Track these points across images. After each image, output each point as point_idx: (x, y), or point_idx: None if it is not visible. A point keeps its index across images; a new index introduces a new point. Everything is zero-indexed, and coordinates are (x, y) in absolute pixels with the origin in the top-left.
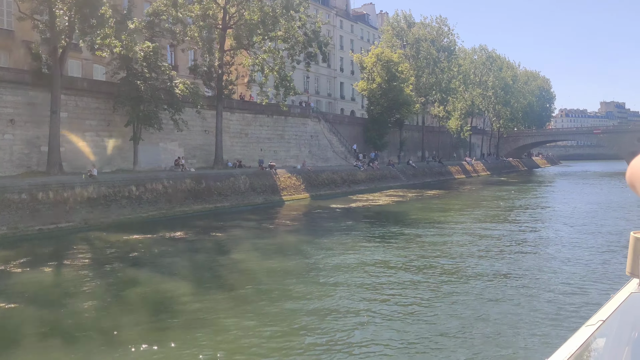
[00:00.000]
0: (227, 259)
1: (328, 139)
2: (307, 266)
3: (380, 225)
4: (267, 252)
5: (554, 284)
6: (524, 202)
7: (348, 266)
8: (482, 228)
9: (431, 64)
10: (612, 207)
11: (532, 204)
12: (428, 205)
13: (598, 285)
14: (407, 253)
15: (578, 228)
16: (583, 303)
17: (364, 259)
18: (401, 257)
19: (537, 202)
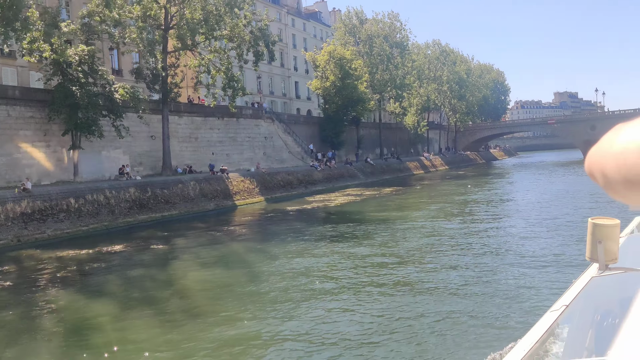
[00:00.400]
0: (162, 273)
1: (283, 140)
2: (247, 277)
3: (332, 227)
4: (206, 264)
5: (514, 274)
6: (480, 196)
7: (293, 273)
8: (437, 224)
9: (385, 60)
10: (567, 196)
11: (488, 197)
12: (384, 203)
13: (559, 272)
14: (357, 255)
15: (534, 219)
16: (546, 290)
17: (311, 264)
18: (350, 259)
19: (492, 194)
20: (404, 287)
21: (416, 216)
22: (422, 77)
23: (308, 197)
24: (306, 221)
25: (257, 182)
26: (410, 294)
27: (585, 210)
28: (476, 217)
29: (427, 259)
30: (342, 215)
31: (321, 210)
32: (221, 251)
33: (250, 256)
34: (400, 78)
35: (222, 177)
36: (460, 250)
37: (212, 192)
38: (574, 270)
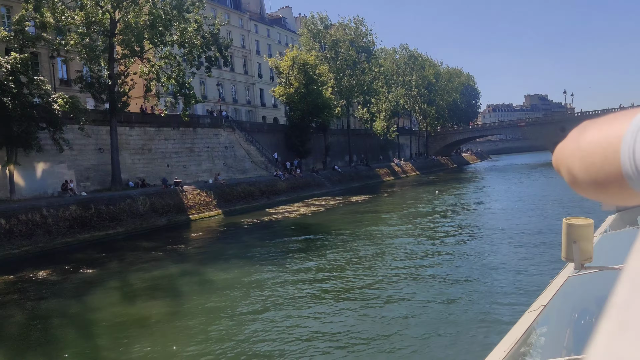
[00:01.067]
0: (76, 305)
1: (245, 149)
2: (172, 310)
3: (284, 242)
4: (132, 292)
5: (490, 280)
6: (446, 203)
7: (228, 302)
8: (396, 236)
9: (351, 65)
10: (535, 200)
11: (454, 203)
12: (346, 213)
13: (537, 272)
14: (309, 271)
15: (501, 225)
16: (523, 292)
17: (253, 289)
18: (300, 275)
19: (458, 201)
20: (362, 302)
21: (376, 227)
22: (391, 82)
23: (270, 209)
24: (259, 236)
25: (214, 194)
26: (368, 308)
27: (553, 217)
28: (438, 227)
29: (382, 272)
30: (299, 228)
31: (279, 223)
32: (154, 275)
33: (184, 280)
34: (367, 83)
35: (176, 190)
36: (416, 262)
37: (164, 207)
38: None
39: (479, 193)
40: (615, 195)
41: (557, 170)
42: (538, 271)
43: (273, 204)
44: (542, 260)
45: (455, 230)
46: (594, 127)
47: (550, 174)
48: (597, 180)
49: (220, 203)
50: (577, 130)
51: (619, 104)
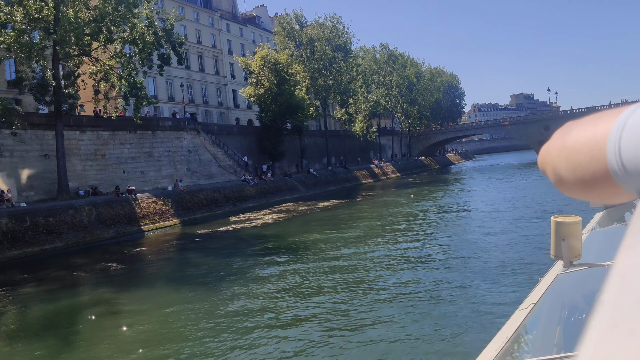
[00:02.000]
0: None
1: (212, 153)
2: (80, 345)
3: (229, 259)
4: (34, 326)
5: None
6: (420, 208)
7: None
8: (358, 247)
9: (327, 64)
10: (513, 204)
11: (428, 208)
12: (313, 221)
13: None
14: (246, 298)
15: (479, 232)
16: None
17: (179, 320)
18: (227, 308)
19: (433, 205)
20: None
21: (339, 237)
22: (370, 82)
23: (233, 216)
24: (206, 251)
25: (172, 202)
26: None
27: (534, 227)
28: (404, 236)
29: (344, 292)
30: (253, 240)
31: (236, 233)
32: (58, 306)
33: (84, 317)
34: (345, 83)
35: (129, 198)
36: (377, 279)
37: (113, 217)
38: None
39: (456, 196)
40: (603, 193)
41: (542, 170)
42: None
43: (239, 211)
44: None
45: (419, 242)
46: (579, 127)
47: (533, 174)
48: (584, 179)
49: (178, 212)
50: (562, 130)
51: (609, 101)
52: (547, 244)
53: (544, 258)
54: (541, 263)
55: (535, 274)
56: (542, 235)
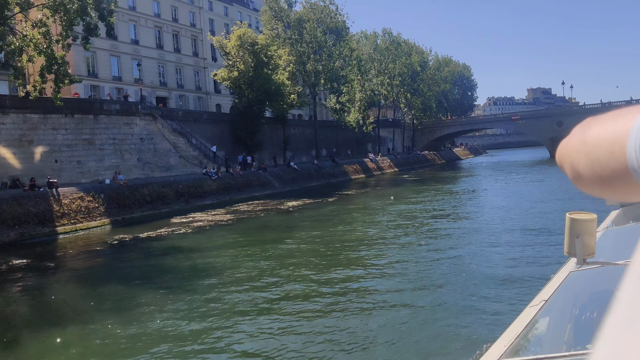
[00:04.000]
0: None
1: (171, 142)
2: None
3: (113, 283)
4: None
5: None
6: (398, 213)
7: None
8: (285, 270)
9: (316, 48)
10: (518, 213)
11: (410, 215)
12: (259, 227)
13: None
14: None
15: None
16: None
17: None
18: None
19: (415, 213)
20: None
21: (273, 254)
22: (369, 69)
23: (180, 216)
24: (110, 265)
25: (106, 198)
26: None
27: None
28: (349, 260)
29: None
30: (171, 252)
31: (162, 240)
32: None
33: None
34: (337, 69)
35: (47, 193)
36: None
37: (20, 217)
38: None
39: (445, 200)
40: (621, 191)
41: (560, 166)
42: None
43: (190, 210)
44: None
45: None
46: (599, 123)
47: (548, 176)
48: (602, 175)
49: (111, 210)
50: (582, 126)
51: (629, 97)
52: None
53: None
54: None
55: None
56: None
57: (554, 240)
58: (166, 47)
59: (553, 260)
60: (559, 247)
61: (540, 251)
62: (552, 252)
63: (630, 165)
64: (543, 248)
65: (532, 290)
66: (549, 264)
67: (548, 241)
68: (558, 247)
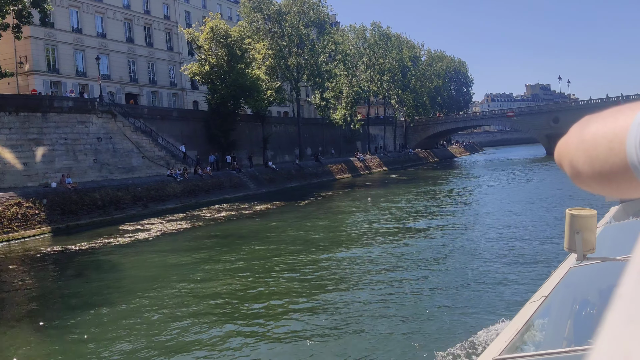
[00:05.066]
0: None
1: (133, 141)
2: None
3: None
4: None
5: None
6: (379, 217)
7: None
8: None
9: (297, 41)
10: (506, 222)
11: (384, 220)
12: (212, 236)
13: None
14: None
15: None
16: None
17: None
18: None
19: (393, 218)
20: None
21: (213, 268)
22: (358, 65)
23: (133, 223)
24: (29, 281)
25: (48, 204)
26: None
27: None
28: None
29: None
30: (107, 264)
31: (97, 252)
32: None
33: None
34: (321, 64)
35: None
36: None
37: None
38: None
39: (426, 203)
40: (620, 187)
41: (559, 164)
42: None
43: (149, 215)
44: None
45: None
46: (598, 120)
47: (538, 175)
48: (602, 172)
49: (54, 216)
50: (581, 123)
51: (615, 92)
52: None
53: None
54: None
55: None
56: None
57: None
58: (137, 41)
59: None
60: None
61: (539, 248)
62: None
63: (630, 161)
64: (541, 245)
65: (532, 286)
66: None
67: (546, 239)
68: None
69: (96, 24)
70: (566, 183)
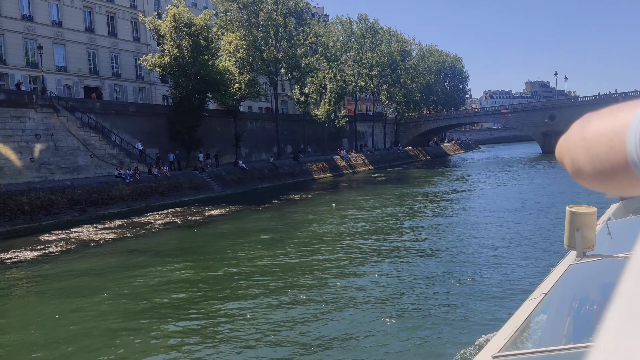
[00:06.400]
0: None
1: (80, 139)
2: None
3: None
4: None
5: None
6: (324, 231)
7: None
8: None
9: (273, 32)
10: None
11: (327, 235)
12: (136, 251)
13: None
14: None
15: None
16: None
17: None
18: None
19: (349, 230)
20: None
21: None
22: (339, 57)
23: (61, 231)
24: None
25: None
26: None
27: None
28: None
29: None
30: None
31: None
32: None
33: None
34: (300, 56)
35: None
36: None
37: None
38: None
39: (403, 208)
40: (621, 185)
41: (560, 161)
42: None
43: (86, 221)
44: None
45: None
46: (598, 118)
47: (535, 177)
48: (602, 170)
49: None
50: (581, 121)
51: (614, 89)
52: None
53: None
54: None
55: None
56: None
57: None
58: (98, 31)
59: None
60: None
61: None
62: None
63: (630, 159)
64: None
65: (532, 283)
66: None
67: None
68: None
69: (51, 11)
70: (554, 191)
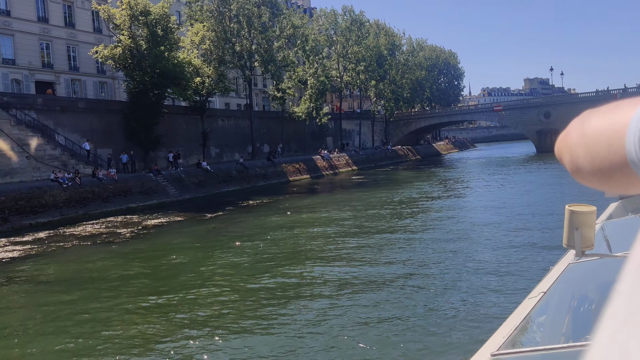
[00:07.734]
0: None
1: (14, 138)
2: None
3: None
4: None
5: None
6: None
7: None
8: None
9: (245, 23)
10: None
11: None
12: (42, 277)
13: None
14: None
15: None
16: None
17: None
18: None
19: (294, 240)
20: None
21: None
22: (321, 51)
23: None
24: None
25: None
26: None
27: None
28: None
29: None
30: None
31: None
32: None
33: None
34: (276, 49)
35: None
36: None
37: None
38: None
39: (360, 214)
40: (620, 183)
41: (559, 159)
42: None
43: (7, 233)
44: None
45: None
46: (598, 116)
47: (522, 184)
48: (601, 168)
49: None
50: (580, 118)
51: (615, 86)
52: None
53: None
54: None
55: None
56: None
57: None
58: (53, 21)
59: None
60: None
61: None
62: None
63: (629, 158)
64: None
65: (531, 282)
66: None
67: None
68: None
69: None
70: (542, 205)
